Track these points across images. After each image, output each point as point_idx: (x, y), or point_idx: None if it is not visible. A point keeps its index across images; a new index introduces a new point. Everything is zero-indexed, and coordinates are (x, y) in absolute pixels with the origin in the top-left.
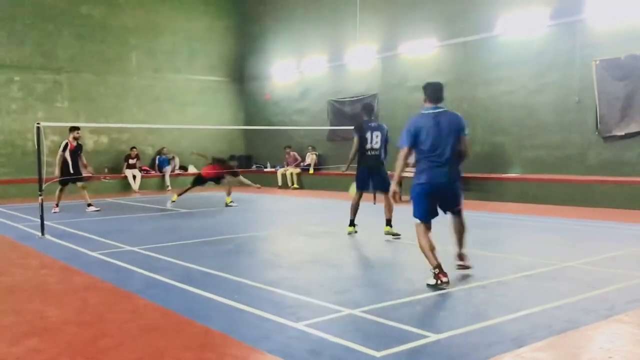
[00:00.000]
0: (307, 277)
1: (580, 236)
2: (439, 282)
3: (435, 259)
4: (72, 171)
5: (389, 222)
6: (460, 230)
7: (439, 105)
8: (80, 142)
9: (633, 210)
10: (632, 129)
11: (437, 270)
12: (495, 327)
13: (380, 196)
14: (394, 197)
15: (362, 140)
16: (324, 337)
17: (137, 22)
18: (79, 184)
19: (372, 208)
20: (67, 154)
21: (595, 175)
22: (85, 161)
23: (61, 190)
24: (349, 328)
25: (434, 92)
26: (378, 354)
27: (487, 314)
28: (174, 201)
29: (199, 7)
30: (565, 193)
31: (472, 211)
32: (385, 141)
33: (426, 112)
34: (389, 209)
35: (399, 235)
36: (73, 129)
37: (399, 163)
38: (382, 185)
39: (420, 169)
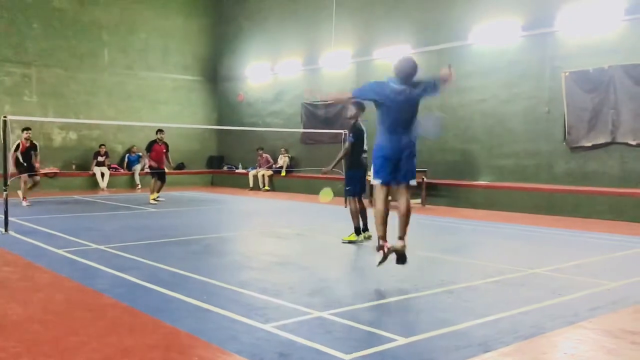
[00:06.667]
0: (276, 279)
1: (546, 244)
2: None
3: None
4: (25, 166)
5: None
6: None
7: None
8: (34, 142)
9: (596, 220)
10: (599, 140)
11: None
12: (462, 331)
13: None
14: None
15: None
16: (293, 339)
17: (111, 18)
18: (28, 180)
19: (342, 212)
20: (19, 154)
21: (561, 185)
22: (38, 162)
23: (25, 183)
24: (318, 330)
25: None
26: (347, 357)
27: (454, 318)
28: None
29: (174, 6)
30: (532, 201)
31: (442, 217)
32: None
33: None
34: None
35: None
36: (25, 129)
37: None
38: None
39: None
